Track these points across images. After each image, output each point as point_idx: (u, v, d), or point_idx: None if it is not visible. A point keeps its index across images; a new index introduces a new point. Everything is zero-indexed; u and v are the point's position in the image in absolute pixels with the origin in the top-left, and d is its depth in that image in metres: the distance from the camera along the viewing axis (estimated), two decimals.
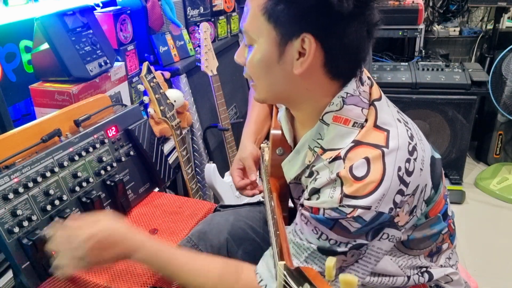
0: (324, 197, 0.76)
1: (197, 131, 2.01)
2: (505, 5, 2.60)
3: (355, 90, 0.80)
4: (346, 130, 0.78)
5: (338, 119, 0.79)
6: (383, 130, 0.77)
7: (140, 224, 1.18)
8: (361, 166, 0.74)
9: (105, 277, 0.99)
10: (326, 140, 0.80)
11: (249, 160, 1.14)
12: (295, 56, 0.76)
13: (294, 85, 0.80)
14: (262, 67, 0.80)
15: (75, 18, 1.42)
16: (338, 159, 0.77)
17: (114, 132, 1.21)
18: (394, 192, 0.74)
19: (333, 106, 0.80)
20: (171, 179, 1.35)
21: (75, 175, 1.07)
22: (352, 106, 0.79)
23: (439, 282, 0.95)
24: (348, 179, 0.73)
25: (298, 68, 0.76)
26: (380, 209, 0.73)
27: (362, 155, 0.75)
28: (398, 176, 0.74)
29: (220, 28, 2.40)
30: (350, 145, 0.77)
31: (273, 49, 0.77)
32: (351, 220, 0.73)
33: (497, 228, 2.41)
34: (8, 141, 1.01)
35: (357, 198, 0.72)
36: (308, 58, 0.75)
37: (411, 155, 0.77)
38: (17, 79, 1.41)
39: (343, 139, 0.78)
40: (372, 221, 0.73)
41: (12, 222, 0.92)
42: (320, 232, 0.76)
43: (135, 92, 1.72)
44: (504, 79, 2.49)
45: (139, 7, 1.82)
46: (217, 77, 1.85)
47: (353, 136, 0.77)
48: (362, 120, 0.79)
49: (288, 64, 0.77)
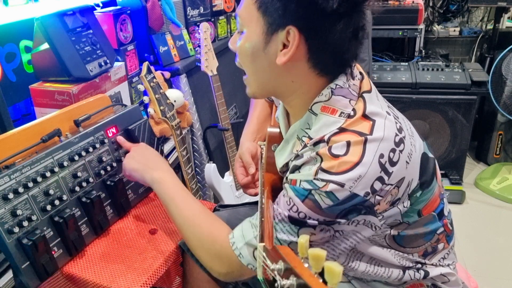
0: (303, 171, 0.79)
1: (197, 131, 2.01)
2: (505, 5, 2.60)
3: (344, 83, 0.82)
4: (333, 119, 0.80)
5: (325, 109, 0.81)
6: (370, 119, 0.79)
7: (140, 224, 1.18)
8: (341, 146, 0.76)
9: (105, 277, 0.99)
10: (314, 129, 0.82)
11: (246, 155, 1.17)
12: (279, 47, 0.79)
13: (278, 76, 0.83)
14: (249, 53, 0.84)
15: (75, 18, 1.42)
16: (321, 142, 0.79)
17: (114, 132, 1.21)
18: (373, 178, 0.75)
19: (322, 96, 0.82)
20: None
21: (75, 175, 1.07)
22: (340, 97, 0.81)
23: (436, 282, 0.94)
24: (326, 155, 0.76)
25: (281, 58, 0.79)
26: (354, 191, 0.74)
27: (344, 139, 0.77)
28: (379, 163, 0.75)
29: (220, 28, 2.40)
30: (334, 130, 0.79)
31: (259, 37, 0.81)
32: (323, 195, 0.75)
33: (497, 228, 2.41)
34: (8, 141, 1.01)
35: (332, 174, 0.75)
36: (291, 50, 0.78)
37: (397, 146, 0.78)
38: (17, 79, 1.41)
39: (329, 128, 0.80)
40: (344, 201, 0.75)
41: (12, 222, 0.92)
42: (292, 203, 0.78)
43: (135, 92, 1.72)
44: (504, 79, 2.49)
45: (139, 7, 1.82)
46: (217, 77, 1.85)
47: (338, 125, 0.79)
48: (349, 110, 0.80)
49: (272, 54, 0.81)
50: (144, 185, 1.28)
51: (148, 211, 1.23)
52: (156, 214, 1.22)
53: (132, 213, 1.22)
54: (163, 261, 1.04)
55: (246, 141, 1.21)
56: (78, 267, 1.02)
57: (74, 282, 1.02)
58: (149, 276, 0.99)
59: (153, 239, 1.11)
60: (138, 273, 0.99)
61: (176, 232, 1.13)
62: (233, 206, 1.22)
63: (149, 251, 1.07)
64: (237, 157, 1.21)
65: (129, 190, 1.23)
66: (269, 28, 0.79)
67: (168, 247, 1.08)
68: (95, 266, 1.02)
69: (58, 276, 1.01)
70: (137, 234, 1.13)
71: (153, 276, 1.00)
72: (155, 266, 1.01)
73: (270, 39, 0.80)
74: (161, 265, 1.03)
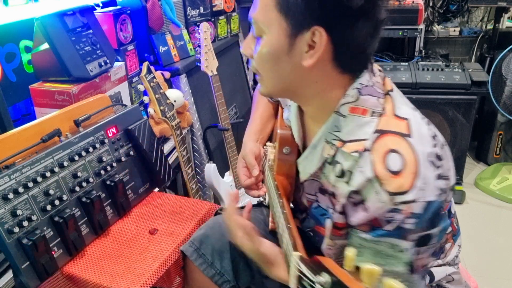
0: (373, 205, 0.74)
1: (197, 131, 2.01)
2: (505, 5, 2.60)
3: (368, 81, 0.80)
4: (365, 120, 0.78)
5: (355, 110, 0.78)
6: (403, 118, 0.77)
7: (140, 224, 1.18)
8: (394, 159, 0.72)
9: (105, 277, 0.99)
10: (345, 131, 0.79)
11: (249, 156, 1.14)
12: (305, 48, 0.76)
13: (302, 77, 0.80)
14: (270, 58, 0.79)
15: (75, 18, 1.42)
16: (364, 151, 0.76)
17: (114, 132, 1.21)
18: (433, 177, 0.72)
19: (349, 97, 0.79)
20: (171, 179, 1.35)
21: (75, 175, 1.07)
22: (368, 96, 0.79)
23: (441, 282, 0.95)
24: (386, 176, 0.72)
25: (308, 60, 0.76)
26: (427, 198, 0.72)
27: (389, 145, 0.74)
28: (429, 161, 0.73)
29: (220, 28, 2.40)
30: (374, 135, 0.76)
31: (283, 40, 0.76)
32: (408, 217, 0.71)
33: (497, 228, 2.41)
34: (8, 141, 1.01)
35: (403, 193, 0.71)
36: (318, 51, 0.74)
37: (435, 141, 0.76)
38: (17, 79, 1.41)
39: (362, 129, 0.77)
40: (424, 212, 0.72)
41: (12, 222, 0.92)
42: (396, 246, 0.74)
43: (135, 92, 1.72)
44: (504, 79, 2.49)
45: (139, 7, 1.82)
46: (217, 77, 1.85)
47: (373, 125, 0.77)
48: (380, 109, 0.78)
49: (297, 56, 0.77)
50: (144, 185, 1.28)
51: (148, 211, 1.23)
52: (156, 214, 1.22)
53: (132, 213, 1.22)
54: (163, 261, 1.04)
55: (249, 142, 1.18)
56: (78, 267, 1.02)
57: (74, 282, 1.02)
58: (149, 276, 0.99)
59: (153, 239, 1.11)
60: (138, 273, 0.99)
61: (176, 232, 1.13)
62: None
63: (149, 251, 1.07)
64: (240, 158, 1.19)
65: (129, 190, 1.23)
66: (293, 30, 0.75)
67: (168, 247, 1.08)
68: (95, 266, 1.02)
69: (58, 276, 1.01)
70: (137, 234, 1.13)
71: (153, 276, 1.00)
72: (155, 266, 1.01)
73: (294, 41, 0.76)
74: (161, 265, 1.03)
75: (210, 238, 1.06)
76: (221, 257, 1.04)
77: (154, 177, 1.31)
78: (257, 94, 1.29)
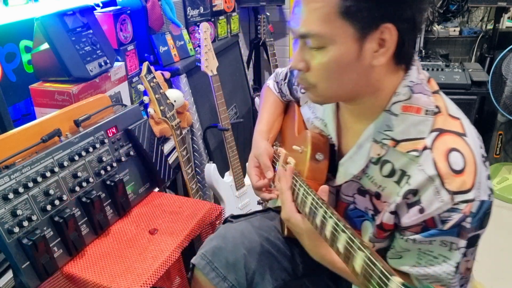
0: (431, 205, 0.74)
1: (197, 131, 2.01)
2: (505, 5, 2.60)
3: (417, 78, 0.79)
4: (420, 118, 0.77)
5: (408, 109, 0.78)
6: (456, 118, 0.78)
7: (140, 224, 1.18)
8: (456, 158, 0.73)
9: (105, 277, 0.99)
10: (398, 131, 0.78)
11: (264, 157, 1.10)
12: (374, 48, 0.73)
13: (367, 78, 0.77)
14: (338, 67, 0.75)
15: (75, 18, 1.42)
16: (424, 150, 0.75)
17: (114, 132, 1.21)
18: (485, 177, 0.74)
19: (400, 96, 0.78)
20: (171, 179, 1.35)
21: (75, 175, 1.07)
22: (420, 94, 0.78)
23: None
24: (449, 174, 0.72)
25: (379, 59, 0.74)
26: (481, 197, 0.73)
27: (449, 144, 0.74)
28: (482, 161, 0.74)
29: (220, 28, 2.40)
30: (433, 134, 0.76)
31: (352, 46, 0.73)
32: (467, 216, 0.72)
33: (497, 228, 2.41)
34: (8, 141, 1.01)
35: (465, 192, 0.71)
36: (390, 47, 0.73)
37: (480, 142, 0.78)
38: (17, 79, 1.41)
39: (417, 128, 0.77)
40: (478, 211, 0.73)
41: (12, 222, 0.92)
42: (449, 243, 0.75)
43: (135, 92, 1.72)
44: (504, 79, 2.49)
45: (139, 7, 1.82)
46: (217, 77, 1.85)
47: (429, 124, 0.76)
48: (433, 107, 0.78)
49: (367, 59, 0.74)
50: (144, 185, 1.28)
51: (148, 211, 1.23)
52: (156, 214, 1.22)
53: (132, 213, 1.22)
54: (163, 261, 1.04)
55: (261, 141, 1.14)
56: (78, 267, 1.02)
57: (74, 282, 1.02)
58: (149, 276, 0.99)
59: (153, 239, 1.11)
60: (138, 273, 0.99)
61: (176, 232, 1.13)
62: (245, 216, 1.16)
63: (149, 251, 1.07)
64: (252, 157, 1.14)
65: (129, 190, 1.23)
66: (361, 34, 0.72)
67: (168, 247, 1.08)
68: (95, 266, 1.02)
69: (58, 276, 1.01)
70: (137, 234, 1.13)
71: (153, 276, 0.99)
72: (155, 266, 1.01)
73: (363, 44, 0.73)
74: (161, 265, 1.03)
75: (223, 250, 1.01)
76: (235, 269, 1.00)
77: (154, 177, 1.31)
78: (265, 89, 1.26)
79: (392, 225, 0.82)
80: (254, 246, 1.03)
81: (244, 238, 1.03)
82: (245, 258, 1.01)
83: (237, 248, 1.01)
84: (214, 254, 1.01)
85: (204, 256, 1.01)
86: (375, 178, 0.83)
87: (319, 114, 0.98)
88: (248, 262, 1.01)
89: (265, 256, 1.03)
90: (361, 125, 0.85)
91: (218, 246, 1.02)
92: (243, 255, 1.01)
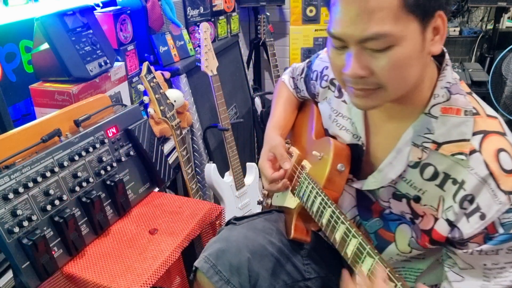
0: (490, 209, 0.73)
1: (197, 131, 2.01)
2: (505, 5, 2.60)
3: (452, 78, 0.79)
4: (460, 119, 0.76)
5: (448, 110, 0.77)
6: (494, 117, 0.78)
7: (140, 224, 1.18)
8: (505, 158, 0.73)
9: (105, 277, 0.99)
10: (439, 133, 0.77)
11: (280, 148, 1.06)
12: (431, 36, 0.73)
13: (423, 68, 0.76)
14: (407, 64, 0.72)
15: (75, 18, 1.42)
16: (473, 152, 0.75)
17: (114, 132, 1.21)
18: None
19: (439, 98, 0.78)
20: (171, 179, 1.35)
21: (75, 175, 1.07)
22: (458, 95, 0.78)
23: None
24: (502, 175, 0.72)
25: (436, 46, 0.74)
26: None
27: (496, 145, 0.74)
28: None
29: (220, 28, 2.40)
30: (478, 136, 0.75)
31: (418, 39, 0.71)
32: None
33: None
34: (8, 141, 1.01)
35: None
36: (444, 34, 0.73)
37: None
38: (17, 79, 1.41)
39: (458, 129, 0.76)
40: None
41: (12, 222, 0.92)
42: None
43: (135, 92, 1.72)
44: (504, 79, 2.49)
45: (139, 7, 1.82)
46: (217, 77, 1.85)
47: (470, 125, 0.76)
48: (471, 108, 0.77)
49: (427, 48, 0.74)
50: (144, 185, 1.28)
51: (148, 211, 1.23)
52: (156, 214, 1.22)
53: (132, 213, 1.22)
54: (163, 261, 1.04)
55: (276, 136, 1.11)
56: (78, 267, 1.02)
57: (74, 282, 1.02)
58: (149, 276, 0.99)
59: (153, 239, 1.11)
60: (138, 273, 0.99)
61: (176, 232, 1.14)
62: (248, 217, 1.13)
63: (149, 251, 1.07)
64: (266, 151, 1.10)
65: (129, 190, 1.23)
66: (424, 25, 0.71)
67: (168, 247, 1.08)
68: (95, 266, 1.02)
69: (58, 276, 1.01)
70: (137, 234, 1.13)
71: (153, 276, 1.00)
72: (155, 266, 1.01)
73: (425, 35, 0.72)
74: (161, 265, 1.03)
75: (227, 253, 0.99)
76: (238, 273, 0.98)
77: (154, 177, 1.31)
78: (280, 84, 1.23)
79: (444, 238, 0.80)
80: (257, 249, 1.01)
81: (248, 241, 1.02)
82: (248, 261, 0.99)
83: (241, 251, 1.00)
84: (217, 257, 0.99)
85: (208, 259, 0.99)
86: (415, 182, 0.82)
87: (343, 111, 0.96)
88: (251, 265, 0.99)
89: (268, 259, 1.02)
90: (392, 125, 0.84)
91: (222, 249, 1.00)
92: (247, 259, 0.99)
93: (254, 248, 1.01)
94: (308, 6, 2.96)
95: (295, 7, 2.98)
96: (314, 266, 1.05)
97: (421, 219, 0.83)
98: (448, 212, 0.78)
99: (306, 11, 2.97)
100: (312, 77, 1.08)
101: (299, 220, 1.02)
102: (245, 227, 1.07)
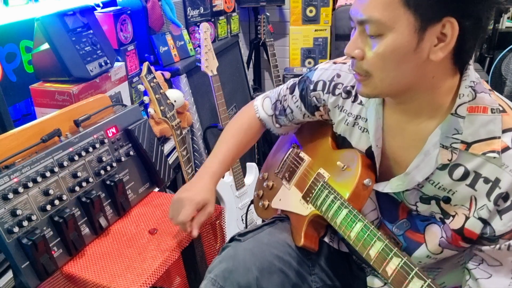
0: None
1: (197, 131, 2.01)
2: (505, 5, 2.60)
3: (476, 77, 0.79)
4: (488, 118, 0.76)
5: (475, 109, 0.77)
6: None
7: (140, 224, 1.18)
8: None
9: (105, 276, 0.99)
10: (468, 133, 0.77)
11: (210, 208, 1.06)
12: (434, 42, 0.72)
13: (422, 73, 0.76)
14: (394, 57, 0.74)
15: (75, 18, 1.42)
16: (506, 150, 0.75)
17: (114, 132, 1.21)
18: None
19: (465, 97, 0.77)
20: (171, 179, 1.35)
21: (75, 175, 1.07)
22: (483, 93, 0.78)
23: None
24: None
25: (437, 54, 0.72)
26: None
27: None
28: None
29: (220, 28, 2.40)
30: (509, 133, 0.75)
31: (411, 36, 0.71)
32: None
33: None
34: (8, 141, 1.01)
35: None
36: (450, 43, 0.71)
37: None
38: (17, 79, 1.42)
39: (486, 127, 0.76)
40: None
41: (12, 222, 0.92)
42: None
43: (135, 92, 1.72)
44: (504, 79, 2.49)
45: (139, 7, 1.82)
46: (217, 77, 1.85)
47: (498, 123, 0.76)
48: (497, 105, 0.77)
49: (425, 52, 0.73)
50: (144, 185, 1.28)
51: (148, 211, 1.24)
52: (156, 214, 1.22)
53: (132, 213, 1.23)
54: (162, 261, 1.04)
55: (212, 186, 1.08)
56: (78, 267, 1.02)
57: (74, 282, 1.02)
58: (149, 276, 0.99)
59: (153, 239, 1.11)
60: (137, 273, 0.99)
61: (176, 232, 1.14)
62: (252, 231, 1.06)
63: (149, 251, 1.07)
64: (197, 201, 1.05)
65: (129, 190, 1.23)
66: (422, 25, 0.70)
67: (168, 247, 1.08)
68: (95, 266, 1.02)
69: (58, 276, 1.02)
70: (137, 234, 1.14)
71: (152, 275, 1.00)
72: (155, 266, 1.02)
73: (423, 36, 0.71)
74: (160, 265, 1.03)
75: (234, 273, 0.94)
76: None
77: (154, 177, 1.31)
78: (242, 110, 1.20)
79: (476, 235, 0.79)
80: (265, 266, 0.97)
81: (255, 259, 0.97)
82: (257, 280, 0.95)
83: (249, 270, 0.95)
84: (225, 279, 0.93)
85: (215, 282, 0.93)
86: (443, 184, 0.81)
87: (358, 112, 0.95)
88: (260, 283, 0.95)
89: (277, 275, 0.98)
90: (414, 125, 0.83)
91: (229, 269, 0.95)
92: (255, 278, 0.94)
93: (261, 266, 0.96)
94: (308, 6, 2.96)
95: (295, 7, 2.99)
96: (321, 275, 1.04)
97: (452, 219, 0.82)
98: (481, 211, 0.77)
99: (306, 11, 2.97)
100: (314, 88, 1.03)
101: (310, 227, 1.00)
102: (251, 243, 1.01)
